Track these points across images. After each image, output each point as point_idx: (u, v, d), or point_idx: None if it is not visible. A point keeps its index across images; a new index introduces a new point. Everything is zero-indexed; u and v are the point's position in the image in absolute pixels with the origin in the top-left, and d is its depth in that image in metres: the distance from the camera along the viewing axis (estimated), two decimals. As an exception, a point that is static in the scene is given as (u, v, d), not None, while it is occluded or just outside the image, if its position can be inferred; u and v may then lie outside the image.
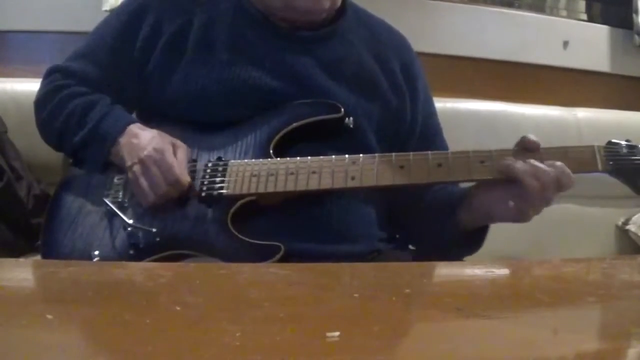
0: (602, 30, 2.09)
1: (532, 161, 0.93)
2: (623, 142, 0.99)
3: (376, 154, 1.00)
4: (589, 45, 2.07)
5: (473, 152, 0.97)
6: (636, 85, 2.11)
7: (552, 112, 1.90)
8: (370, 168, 0.98)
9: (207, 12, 1.10)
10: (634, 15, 2.05)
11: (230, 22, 1.09)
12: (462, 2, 1.96)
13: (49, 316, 0.52)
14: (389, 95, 1.13)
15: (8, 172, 1.35)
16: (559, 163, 0.93)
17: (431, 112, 1.21)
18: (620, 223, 1.93)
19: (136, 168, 1.00)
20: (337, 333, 0.50)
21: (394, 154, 0.99)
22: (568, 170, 0.93)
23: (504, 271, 0.85)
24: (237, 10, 1.11)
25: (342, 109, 1.05)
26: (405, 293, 0.66)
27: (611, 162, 0.98)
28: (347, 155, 0.99)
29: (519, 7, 2.04)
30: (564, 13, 2.11)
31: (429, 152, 0.99)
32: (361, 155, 0.99)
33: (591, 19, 2.12)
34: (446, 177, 0.98)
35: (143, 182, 0.99)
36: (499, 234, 1.79)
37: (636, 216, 1.90)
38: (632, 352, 0.52)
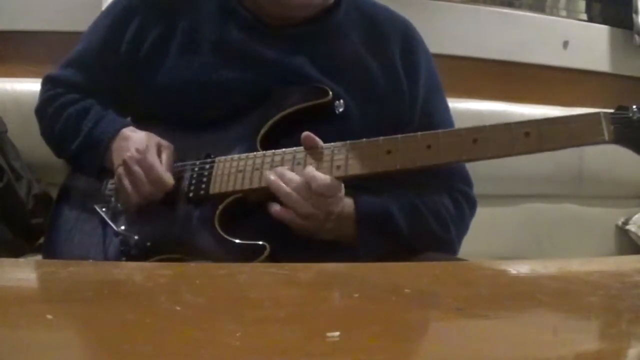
0: (602, 30, 2.09)
1: (279, 169, 0.93)
2: (634, 107, 0.87)
3: (364, 140, 0.94)
4: (589, 45, 2.07)
5: (465, 130, 0.91)
6: (636, 85, 2.11)
7: (552, 112, 1.89)
8: (356, 156, 0.93)
9: (193, 14, 1.08)
10: (634, 15, 2.05)
11: (216, 23, 1.07)
12: (462, 2, 1.96)
13: (49, 316, 0.52)
14: (387, 93, 1.08)
15: (8, 172, 1.35)
16: (308, 168, 0.92)
17: (432, 108, 1.13)
18: (620, 223, 1.93)
19: (120, 170, 0.99)
20: (337, 333, 0.50)
21: (382, 137, 0.93)
22: (317, 175, 0.91)
23: (504, 271, 0.85)
24: (223, 11, 1.08)
25: (330, 92, 1.00)
26: (405, 293, 0.66)
27: (620, 130, 0.86)
28: (333, 143, 0.95)
29: (519, 7, 2.04)
30: (564, 13, 2.11)
31: (419, 133, 0.93)
32: (348, 142, 0.94)
33: (591, 19, 2.12)
34: (435, 160, 0.91)
35: (126, 182, 0.98)
36: (499, 234, 1.81)
37: (636, 216, 1.90)
38: (632, 352, 0.52)
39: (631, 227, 1.89)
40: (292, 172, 0.93)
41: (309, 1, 1.04)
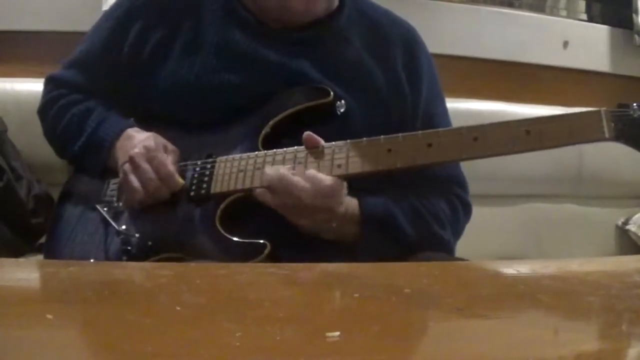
0: (602, 30, 2.09)
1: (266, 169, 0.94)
2: (635, 104, 0.88)
3: (364, 139, 0.95)
4: (589, 45, 2.07)
5: (466, 129, 0.92)
6: (636, 85, 2.11)
7: (552, 112, 1.88)
8: (356, 154, 0.94)
9: (195, 16, 1.08)
10: (634, 15, 2.05)
11: (218, 26, 1.07)
12: (462, 2, 1.96)
13: (49, 316, 0.52)
14: (389, 96, 1.08)
15: (8, 172, 1.35)
16: (309, 171, 0.93)
17: (433, 112, 1.13)
18: (620, 223, 1.93)
19: (126, 166, 0.99)
20: (337, 333, 0.50)
21: (382, 136, 0.94)
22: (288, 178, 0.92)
23: (504, 271, 0.85)
24: (226, 13, 1.08)
25: (332, 93, 1.01)
26: (405, 293, 0.66)
27: (620, 127, 0.87)
28: (334, 142, 0.96)
29: (519, 7, 2.04)
30: (564, 13, 2.11)
31: (420, 131, 0.95)
32: (349, 141, 0.95)
33: (591, 19, 2.12)
34: (436, 158, 0.92)
35: (133, 178, 0.98)
36: (499, 234, 1.81)
37: (636, 216, 1.90)
38: (632, 352, 0.52)
39: (631, 227, 1.89)
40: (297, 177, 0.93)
41: (313, 9, 1.05)
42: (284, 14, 1.06)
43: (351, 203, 0.99)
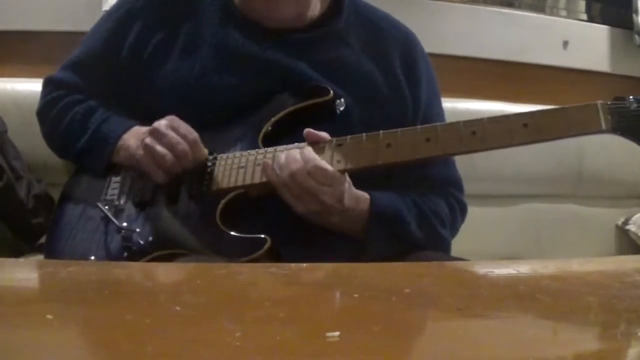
0: (602, 30, 2.09)
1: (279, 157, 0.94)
2: (631, 97, 0.91)
3: (364, 134, 0.96)
4: (589, 45, 2.07)
5: (464, 123, 0.93)
6: (636, 85, 2.11)
7: (551, 112, 1.90)
8: (356, 150, 0.95)
9: (194, 17, 1.08)
10: (634, 15, 2.04)
11: (218, 26, 1.08)
12: (462, 2, 1.96)
13: (49, 316, 0.52)
14: (388, 97, 1.09)
15: (8, 172, 1.35)
16: (307, 149, 0.94)
17: (432, 113, 1.14)
18: (620, 223, 1.93)
19: (148, 140, 0.99)
20: (337, 333, 0.50)
21: (381, 131, 0.96)
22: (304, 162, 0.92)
23: (504, 271, 0.85)
24: (225, 14, 1.09)
25: (331, 91, 1.02)
26: (405, 293, 0.66)
27: (617, 120, 0.89)
28: (333, 138, 0.97)
29: (519, 7, 2.04)
30: (564, 13, 2.11)
31: (418, 126, 0.96)
32: (348, 136, 0.96)
33: (591, 19, 2.11)
34: (435, 152, 0.93)
35: (158, 147, 0.98)
36: (499, 234, 1.81)
37: (636, 216, 1.90)
38: (632, 352, 0.52)
39: (631, 227, 1.89)
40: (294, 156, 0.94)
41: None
42: (271, 15, 1.06)
43: (362, 198, 0.99)
